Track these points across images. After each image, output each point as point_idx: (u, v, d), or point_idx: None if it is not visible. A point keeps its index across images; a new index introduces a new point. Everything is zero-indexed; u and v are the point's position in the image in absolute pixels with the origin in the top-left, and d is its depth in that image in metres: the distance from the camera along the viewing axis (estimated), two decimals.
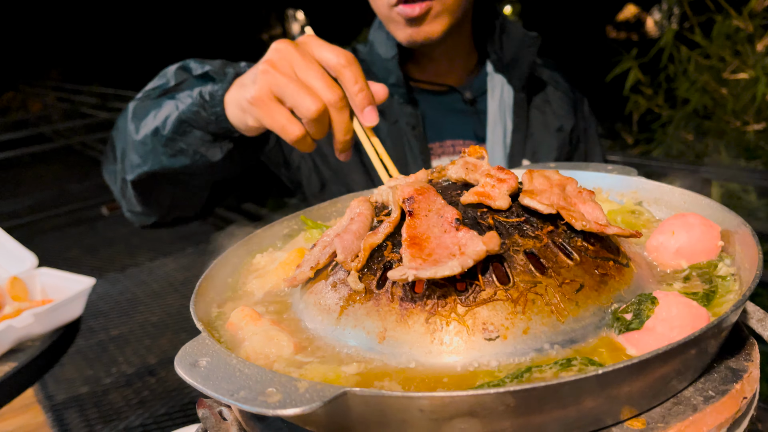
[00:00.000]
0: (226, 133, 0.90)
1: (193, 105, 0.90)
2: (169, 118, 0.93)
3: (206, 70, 0.96)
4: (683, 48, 4.46)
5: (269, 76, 0.77)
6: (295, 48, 0.78)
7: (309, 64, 0.77)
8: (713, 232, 0.62)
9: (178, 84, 0.98)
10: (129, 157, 1.01)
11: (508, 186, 0.60)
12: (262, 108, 0.78)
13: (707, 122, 4.51)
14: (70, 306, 1.65)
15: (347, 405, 0.44)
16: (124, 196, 1.11)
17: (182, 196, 1.10)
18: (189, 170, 0.97)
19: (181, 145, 0.93)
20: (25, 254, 1.87)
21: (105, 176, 1.16)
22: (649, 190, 0.77)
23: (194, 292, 0.63)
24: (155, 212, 1.13)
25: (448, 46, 1.28)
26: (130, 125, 1.00)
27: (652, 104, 4.80)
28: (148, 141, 0.97)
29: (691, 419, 0.46)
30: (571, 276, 0.54)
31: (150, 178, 1.00)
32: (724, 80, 4.37)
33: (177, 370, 0.48)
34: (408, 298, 0.54)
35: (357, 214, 0.63)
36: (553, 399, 0.43)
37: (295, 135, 0.77)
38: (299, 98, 0.76)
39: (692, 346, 0.45)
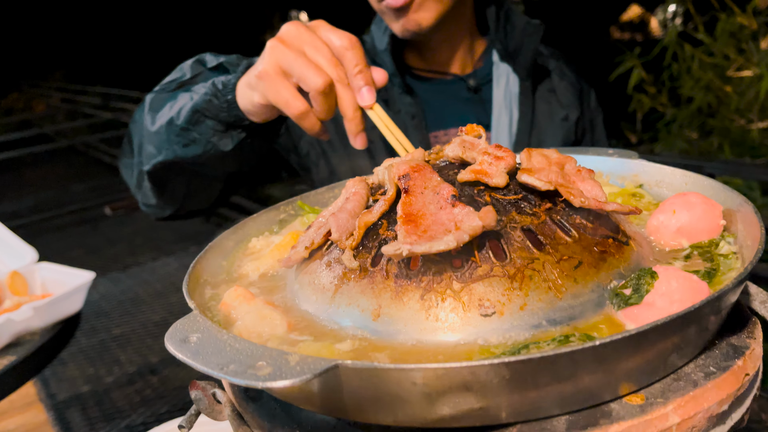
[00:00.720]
0: (237, 121, 0.90)
1: (207, 94, 0.90)
2: (183, 109, 0.94)
3: (221, 62, 0.98)
4: (687, 46, 4.45)
5: (278, 50, 0.78)
6: (305, 28, 0.79)
7: (317, 43, 0.78)
8: (715, 210, 0.61)
9: (193, 77, 1.01)
10: (145, 149, 1.03)
11: (505, 164, 0.59)
12: (268, 81, 0.79)
13: (711, 120, 4.49)
14: (70, 300, 1.64)
15: (339, 378, 0.43)
16: (140, 188, 1.12)
17: (196, 187, 1.11)
18: (201, 160, 0.97)
19: (194, 135, 0.94)
20: (25, 249, 1.87)
21: (121, 170, 1.17)
22: (650, 173, 0.75)
23: (187, 273, 0.63)
24: (170, 204, 1.14)
25: (446, 34, 1.27)
26: (147, 117, 1.02)
27: (656, 103, 4.78)
28: (162, 131, 0.98)
29: (691, 395, 0.45)
30: (570, 253, 0.53)
31: (164, 168, 1.01)
32: (728, 78, 4.35)
33: (167, 346, 0.48)
34: (403, 275, 0.53)
35: (352, 193, 0.62)
36: (548, 372, 0.42)
37: (299, 110, 0.77)
38: (306, 71, 0.76)
39: (691, 319, 0.43)
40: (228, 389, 0.58)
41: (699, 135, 4.58)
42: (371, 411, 0.45)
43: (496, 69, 1.33)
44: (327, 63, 0.78)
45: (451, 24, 1.23)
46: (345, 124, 0.80)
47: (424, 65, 1.31)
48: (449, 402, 0.43)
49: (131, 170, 1.15)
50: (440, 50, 1.29)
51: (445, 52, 1.31)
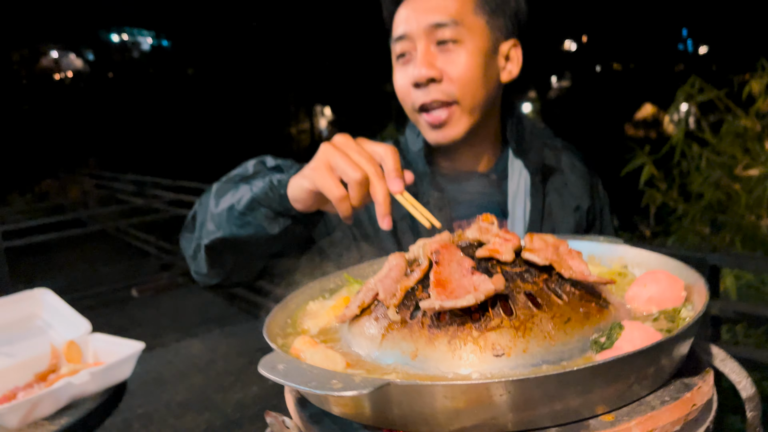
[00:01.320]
0: (285, 211, 1.11)
1: (264, 188, 1.11)
2: (243, 198, 1.15)
3: (278, 164, 1.21)
4: (695, 145, 4.68)
5: (328, 151, 0.99)
6: (352, 139, 1.00)
7: (359, 149, 0.99)
8: (678, 284, 0.78)
9: (254, 173, 1.23)
10: (206, 226, 1.23)
11: (512, 244, 0.77)
12: (317, 172, 1.00)
13: (722, 216, 4.64)
14: (121, 367, 1.80)
15: (390, 393, 0.60)
16: (195, 258, 1.31)
17: (242, 262, 1.29)
18: (251, 240, 1.17)
19: (249, 219, 1.14)
20: (80, 320, 2.05)
21: (181, 242, 1.37)
22: (632, 255, 0.93)
23: (264, 325, 0.81)
24: (218, 275, 1.32)
25: (473, 141, 1.45)
26: (212, 201, 1.23)
27: (668, 198, 4.96)
28: (224, 213, 1.18)
29: (649, 415, 0.61)
30: (561, 312, 0.71)
31: (220, 243, 1.20)
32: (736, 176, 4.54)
33: (261, 371, 0.65)
34: (435, 325, 0.71)
35: (394, 265, 0.80)
36: (538, 390, 0.58)
37: (338, 195, 0.97)
38: (347, 167, 0.97)
39: (641, 357, 0.60)
40: (295, 416, 0.75)
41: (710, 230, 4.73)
42: (412, 421, 0.62)
43: (511, 164, 1.51)
44: (366, 162, 0.98)
45: (479, 134, 1.42)
46: (376, 208, 0.98)
47: (451, 165, 1.50)
48: (470, 412, 0.59)
49: (190, 243, 1.34)
50: (466, 154, 1.48)
51: (471, 156, 1.49)
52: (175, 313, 5.76)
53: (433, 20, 1.32)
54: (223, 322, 5.41)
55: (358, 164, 0.97)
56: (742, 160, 4.45)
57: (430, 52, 1.34)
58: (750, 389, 0.73)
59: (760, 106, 4.42)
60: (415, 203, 0.99)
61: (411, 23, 1.35)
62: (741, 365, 0.76)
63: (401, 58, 1.40)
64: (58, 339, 1.98)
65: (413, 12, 1.36)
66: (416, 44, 1.36)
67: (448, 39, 1.33)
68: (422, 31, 1.34)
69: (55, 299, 2.16)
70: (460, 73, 1.33)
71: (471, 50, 1.34)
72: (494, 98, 1.43)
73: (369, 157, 0.99)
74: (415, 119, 1.42)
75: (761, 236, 4.31)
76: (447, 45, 1.34)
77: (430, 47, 1.35)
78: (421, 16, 1.34)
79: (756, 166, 4.36)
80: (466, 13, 1.34)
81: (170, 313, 5.78)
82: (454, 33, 1.33)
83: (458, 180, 1.51)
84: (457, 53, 1.34)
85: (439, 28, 1.33)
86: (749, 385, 0.73)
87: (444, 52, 1.34)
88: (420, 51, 1.35)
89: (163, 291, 6.46)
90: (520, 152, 1.50)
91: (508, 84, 1.48)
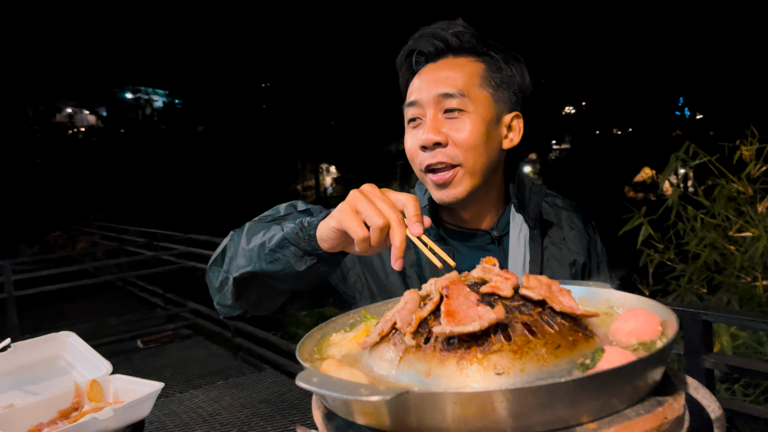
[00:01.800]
0: (312, 250, 1.23)
1: (295, 229, 1.24)
2: (275, 236, 1.28)
3: (308, 207, 1.37)
4: (690, 208, 4.84)
5: (355, 196, 1.13)
6: (377, 188, 1.15)
7: (383, 197, 1.12)
8: (655, 320, 0.91)
9: (285, 215, 1.38)
10: (237, 260, 1.35)
11: (512, 282, 0.91)
12: (344, 214, 1.12)
13: (718, 276, 4.75)
14: (142, 405, 1.90)
15: (408, 400, 0.72)
16: (221, 291, 1.43)
17: (266, 296, 1.41)
18: (278, 275, 1.29)
19: (278, 255, 1.26)
20: (102, 361, 2.16)
21: (208, 275, 1.48)
22: (617, 297, 1.06)
23: (296, 350, 0.93)
24: (242, 306, 1.44)
25: (476, 200, 1.56)
26: (244, 238, 1.36)
27: (664, 258, 5.08)
28: (255, 249, 1.31)
29: (626, 424, 0.73)
30: (552, 339, 0.83)
31: (249, 276, 1.33)
32: (731, 237, 4.68)
33: (299, 384, 0.77)
34: (445, 348, 0.83)
35: (409, 299, 0.94)
36: (531, 400, 0.70)
37: (361, 235, 1.09)
38: (371, 213, 1.10)
39: (615, 372, 0.73)
40: (322, 428, 0.86)
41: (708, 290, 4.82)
42: (427, 426, 0.73)
43: (513, 218, 1.63)
44: (388, 209, 1.10)
45: (481, 194, 1.55)
46: (392, 250, 1.09)
47: (455, 221, 1.62)
48: (475, 417, 0.71)
49: (217, 275, 1.45)
50: (469, 211, 1.59)
51: (474, 213, 1.60)
52: (179, 365, 5.80)
53: (442, 90, 1.49)
54: (227, 374, 5.45)
55: (381, 211, 1.10)
56: (736, 223, 4.60)
57: (438, 119, 1.49)
58: (717, 411, 0.84)
59: (751, 171, 4.60)
60: (432, 245, 1.12)
61: (422, 92, 1.52)
62: (711, 393, 0.88)
63: (412, 122, 1.55)
64: (80, 379, 2.08)
65: (425, 82, 1.53)
66: (426, 111, 1.52)
67: (455, 108, 1.48)
68: (432, 100, 1.50)
69: (78, 341, 2.28)
70: (464, 139, 1.47)
71: (475, 119, 1.48)
72: (496, 162, 1.57)
73: (392, 204, 1.13)
74: (423, 178, 1.57)
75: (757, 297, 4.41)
76: (453, 113, 1.49)
77: (437, 114, 1.50)
78: (431, 86, 1.51)
79: (749, 228, 4.51)
80: (471, 86, 1.50)
81: (175, 364, 5.82)
82: (460, 103, 1.48)
83: (462, 235, 1.63)
84: (462, 121, 1.48)
85: (447, 98, 1.48)
86: (717, 408, 0.85)
87: (450, 119, 1.49)
88: (429, 117, 1.50)
89: (168, 342, 6.51)
90: (521, 208, 1.62)
91: (511, 149, 1.62)
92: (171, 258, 7.53)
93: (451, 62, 1.55)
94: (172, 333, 6.69)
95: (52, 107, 35.42)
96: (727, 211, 4.66)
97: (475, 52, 1.57)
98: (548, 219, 1.68)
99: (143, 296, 8.64)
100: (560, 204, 1.76)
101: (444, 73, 1.52)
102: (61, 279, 8.09)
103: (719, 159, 4.68)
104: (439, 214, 1.63)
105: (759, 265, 4.52)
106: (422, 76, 1.55)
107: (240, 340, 6.02)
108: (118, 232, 11.69)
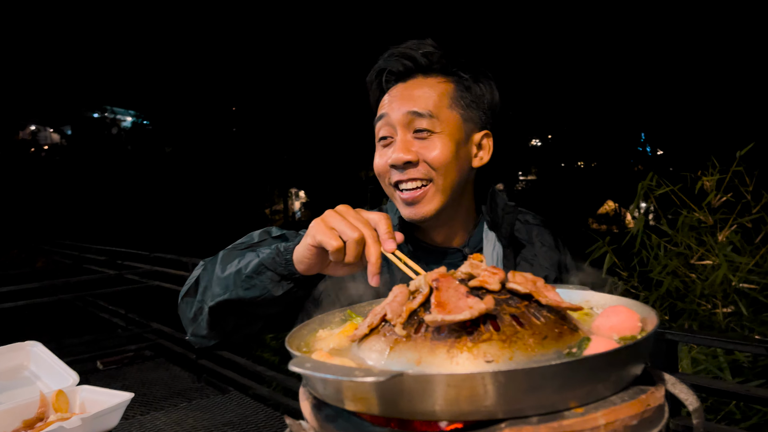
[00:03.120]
0: (289, 275, 1.26)
1: (271, 254, 1.27)
2: (251, 263, 1.29)
3: (283, 233, 1.38)
4: (653, 236, 4.97)
5: (330, 215, 1.17)
6: (351, 208, 1.18)
7: (357, 215, 1.16)
8: (635, 317, 0.94)
9: (260, 241, 1.40)
10: (212, 289, 1.35)
11: (499, 277, 0.93)
12: (318, 228, 1.16)
13: (681, 303, 4.87)
14: (110, 416, 1.86)
15: (402, 383, 0.73)
16: (195, 321, 1.41)
17: (242, 324, 1.40)
18: (255, 301, 1.30)
19: (255, 282, 1.28)
20: (69, 372, 2.10)
21: (180, 306, 1.47)
22: (596, 298, 1.10)
23: (286, 341, 0.94)
24: (217, 336, 1.42)
25: (446, 218, 1.57)
26: (218, 267, 1.36)
27: (629, 286, 5.19)
28: (231, 277, 1.32)
29: (612, 408, 0.75)
30: (539, 330, 0.85)
31: (225, 304, 1.33)
32: (692, 265, 4.81)
33: (293, 368, 0.77)
34: (436, 337, 0.84)
35: (399, 293, 0.95)
36: (521, 383, 0.72)
37: (336, 246, 1.12)
38: (345, 228, 1.14)
39: (600, 358, 0.75)
40: (311, 418, 0.86)
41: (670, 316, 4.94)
42: (419, 409, 0.74)
43: (486, 236, 1.65)
44: (363, 226, 1.15)
45: (451, 211, 1.57)
46: (368, 267, 1.12)
47: (427, 239, 1.63)
48: (468, 400, 0.72)
49: (191, 306, 1.44)
50: (440, 229, 1.61)
51: (445, 231, 1.62)
52: (140, 386, 5.63)
53: (412, 108, 1.50)
54: (190, 396, 5.31)
55: (355, 226, 1.14)
56: (697, 251, 4.74)
57: (408, 139, 1.51)
58: (695, 403, 0.87)
59: (712, 201, 4.77)
60: (406, 259, 1.14)
61: (393, 109, 1.52)
62: (689, 387, 0.91)
63: (383, 140, 1.56)
64: (45, 389, 2.02)
65: (395, 100, 1.54)
66: (396, 130, 1.52)
67: (424, 129, 1.50)
68: (402, 118, 1.51)
69: (43, 351, 2.21)
70: (434, 158, 1.49)
71: (444, 140, 1.50)
72: (466, 181, 1.59)
73: (366, 222, 1.16)
74: (392, 194, 1.57)
75: (717, 324, 4.52)
76: (422, 134, 1.50)
77: (407, 135, 1.51)
78: (401, 104, 1.52)
79: (710, 256, 4.64)
80: (441, 107, 1.52)
81: (135, 386, 5.64)
82: (429, 124, 1.50)
83: (433, 253, 1.63)
84: (432, 141, 1.50)
85: (417, 117, 1.50)
86: (695, 400, 0.88)
87: (420, 139, 1.51)
88: (399, 137, 1.51)
89: (129, 363, 6.33)
90: (494, 226, 1.64)
91: (481, 168, 1.64)
92: (134, 277, 7.36)
93: (421, 82, 1.56)
94: (134, 354, 6.51)
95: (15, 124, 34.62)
96: (689, 240, 4.80)
97: (445, 72, 1.58)
98: (520, 237, 1.71)
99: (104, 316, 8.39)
100: (531, 221, 1.79)
101: (414, 92, 1.53)
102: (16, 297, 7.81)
103: (682, 189, 4.84)
104: (410, 232, 1.64)
105: (719, 293, 4.65)
106: (392, 93, 1.56)
107: (204, 361, 5.89)
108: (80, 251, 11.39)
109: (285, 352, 1.17)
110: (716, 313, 4.64)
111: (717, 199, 4.80)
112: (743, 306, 4.42)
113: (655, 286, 5.07)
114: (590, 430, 0.73)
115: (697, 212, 4.84)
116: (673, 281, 4.90)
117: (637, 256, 5.07)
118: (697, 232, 4.92)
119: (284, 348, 1.06)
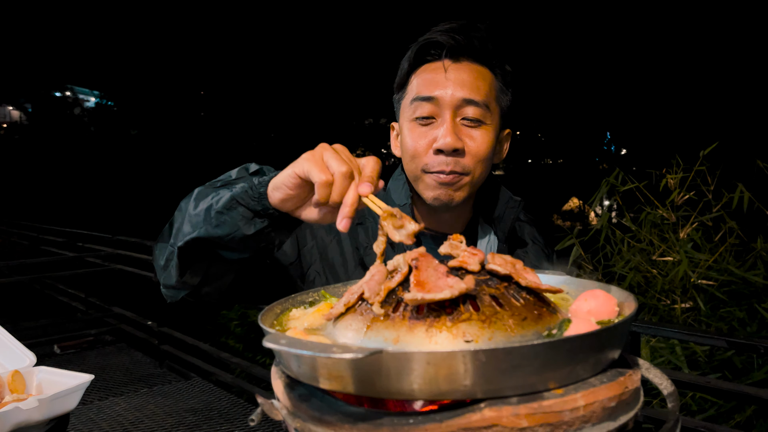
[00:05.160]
0: (263, 210, 1.16)
1: (244, 187, 1.17)
2: (222, 198, 1.19)
3: (261, 168, 1.27)
4: (618, 231, 5.06)
5: (323, 146, 1.09)
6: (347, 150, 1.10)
7: (349, 155, 1.08)
8: (612, 301, 0.94)
9: (237, 178, 1.28)
10: (183, 229, 1.25)
11: (479, 258, 0.92)
12: (308, 160, 1.06)
13: (642, 298, 4.98)
14: (69, 398, 1.80)
15: (381, 360, 0.71)
16: (166, 269, 1.33)
17: (213, 274, 1.32)
18: (225, 240, 1.20)
19: (226, 218, 1.18)
20: (25, 352, 2.03)
21: (155, 252, 1.38)
22: (573, 283, 1.09)
23: (258, 319, 0.90)
24: (187, 285, 1.34)
25: (458, 207, 1.55)
26: (191, 204, 1.27)
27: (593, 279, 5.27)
28: (201, 214, 1.22)
29: (591, 390, 0.75)
30: (518, 312, 0.84)
31: (194, 243, 1.23)
32: (654, 261, 4.91)
33: (267, 345, 0.74)
34: (414, 317, 0.83)
35: (376, 271, 0.93)
36: (502, 362, 0.71)
37: (324, 179, 1.04)
38: (334, 161, 1.05)
39: (580, 339, 0.74)
40: (283, 398, 0.84)
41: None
42: (397, 388, 0.72)
43: (481, 228, 1.64)
44: (351, 161, 1.06)
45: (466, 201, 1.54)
46: (341, 208, 1.04)
47: (428, 224, 1.59)
48: (447, 378, 0.71)
49: (164, 252, 1.35)
50: (447, 217, 1.58)
51: (448, 219, 1.59)
52: (100, 371, 5.49)
53: (467, 96, 1.43)
54: (151, 382, 5.21)
55: (344, 160, 1.05)
56: (659, 247, 4.84)
57: (457, 124, 1.45)
58: (670, 387, 0.88)
59: (675, 199, 4.87)
60: (380, 203, 1.05)
61: (446, 91, 1.44)
62: (662, 371, 0.92)
63: (423, 120, 1.48)
64: (0, 370, 1.95)
65: (450, 82, 1.45)
66: (442, 112, 1.45)
67: (476, 118, 1.45)
68: (454, 102, 1.44)
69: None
70: (478, 150, 1.45)
71: (489, 132, 1.47)
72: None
73: (354, 158, 1.09)
74: (419, 176, 1.50)
75: (676, 319, 4.64)
76: (472, 122, 1.45)
77: (456, 120, 1.45)
78: (456, 88, 1.44)
79: (671, 253, 4.75)
80: (491, 99, 1.48)
81: (94, 370, 5.51)
82: (482, 114, 1.45)
83: (432, 238, 1.60)
84: (480, 132, 1.46)
85: (470, 105, 1.44)
86: (669, 384, 0.88)
87: (468, 127, 1.46)
88: (447, 120, 1.44)
89: (88, 348, 6.17)
90: (491, 221, 1.63)
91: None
92: (96, 260, 7.16)
93: (473, 68, 1.49)
94: (93, 338, 6.35)
95: None
96: (651, 236, 4.90)
97: (491, 64, 1.52)
98: (516, 234, 1.70)
99: (63, 299, 8.17)
100: (523, 218, 1.78)
101: (468, 77, 1.46)
102: None
103: (646, 187, 4.93)
104: (414, 215, 1.60)
105: (678, 289, 4.76)
106: (438, 73, 1.47)
107: (167, 347, 5.78)
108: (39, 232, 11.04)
109: (249, 339, 1.11)
110: (675, 309, 4.75)
111: (680, 197, 4.91)
112: (701, 301, 4.53)
113: (617, 281, 5.17)
114: (570, 411, 0.72)
115: (660, 209, 4.94)
116: (635, 276, 5.00)
117: (601, 251, 5.16)
118: (660, 229, 5.03)
119: (248, 335, 1.01)
